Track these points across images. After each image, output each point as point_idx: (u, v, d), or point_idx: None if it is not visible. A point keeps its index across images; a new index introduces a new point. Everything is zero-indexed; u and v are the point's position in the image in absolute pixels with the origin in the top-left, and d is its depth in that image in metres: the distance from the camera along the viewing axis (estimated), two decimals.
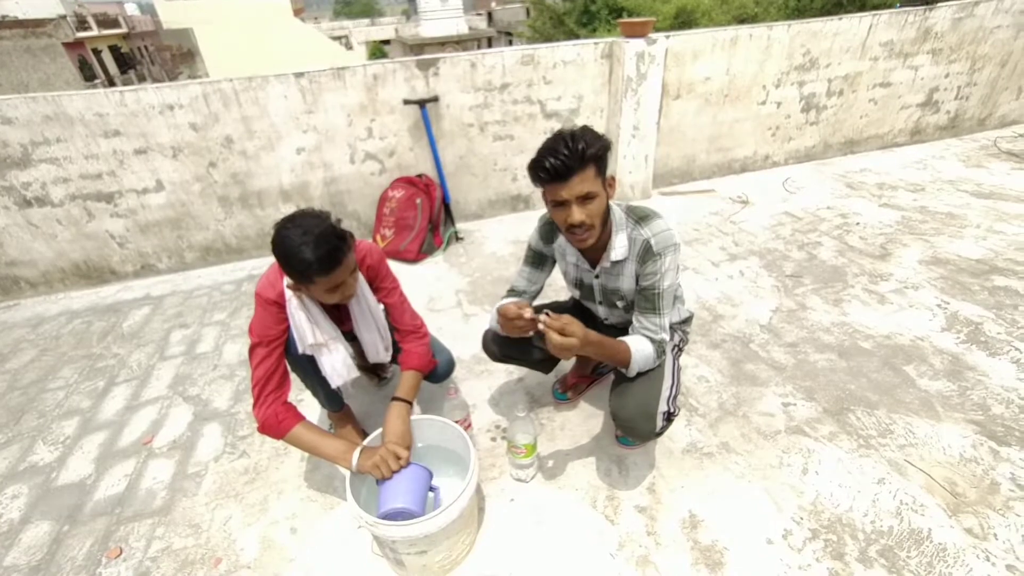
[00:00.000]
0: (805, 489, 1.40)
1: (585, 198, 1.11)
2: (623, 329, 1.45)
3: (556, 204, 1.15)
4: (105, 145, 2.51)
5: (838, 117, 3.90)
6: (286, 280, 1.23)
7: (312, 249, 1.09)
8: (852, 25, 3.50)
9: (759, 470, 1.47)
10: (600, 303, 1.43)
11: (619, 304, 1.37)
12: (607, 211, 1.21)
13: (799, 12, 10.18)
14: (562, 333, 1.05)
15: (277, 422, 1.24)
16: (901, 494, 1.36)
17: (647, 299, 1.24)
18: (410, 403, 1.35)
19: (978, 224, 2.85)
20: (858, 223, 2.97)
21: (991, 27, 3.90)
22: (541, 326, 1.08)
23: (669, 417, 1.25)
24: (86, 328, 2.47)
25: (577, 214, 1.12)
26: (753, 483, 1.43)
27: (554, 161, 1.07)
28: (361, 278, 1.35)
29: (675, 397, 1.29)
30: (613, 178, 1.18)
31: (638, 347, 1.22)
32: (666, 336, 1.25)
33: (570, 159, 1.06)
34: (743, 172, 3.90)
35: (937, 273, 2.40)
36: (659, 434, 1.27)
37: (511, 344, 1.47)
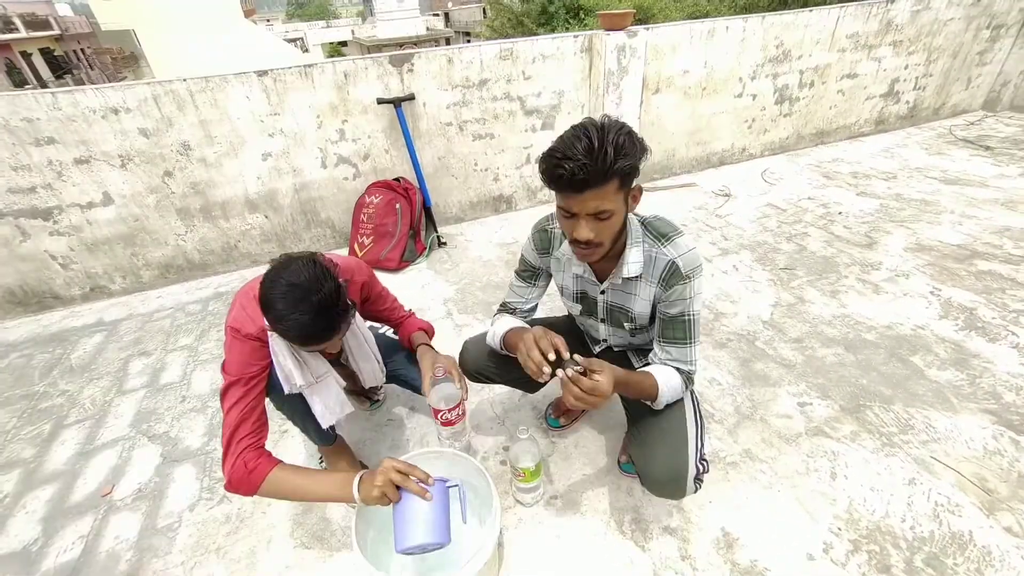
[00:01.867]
0: (837, 496, 1.34)
1: (598, 215, 0.93)
2: (621, 352, 1.34)
3: (564, 212, 0.97)
4: (37, 155, 2.23)
5: (810, 108, 3.95)
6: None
7: (303, 325, 0.94)
8: (821, 17, 3.54)
9: (787, 478, 1.40)
10: (603, 321, 1.27)
11: (626, 325, 1.22)
12: (622, 229, 1.04)
13: (746, 10, 10.47)
14: (590, 391, 0.91)
15: (247, 472, 1.02)
16: (935, 494, 1.32)
17: (677, 327, 1.10)
18: (431, 346, 1.40)
19: (952, 210, 2.93)
20: (840, 212, 2.99)
21: (945, 19, 4.05)
22: (560, 374, 0.93)
23: (699, 477, 1.11)
24: (26, 363, 2.19)
25: (584, 231, 0.94)
26: (783, 492, 1.36)
27: (570, 167, 0.86)
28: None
29: (703, 445, 1.14)
30: (640, 189, 1.00)
31: (665, 379, 1.09)
32: (696, 368, 1.13)
33: (590, 169, 0.86)
34: (721, 165, 3.90)
35: (924, 260, 2.43)
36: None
37: (489, 361, 1.35)
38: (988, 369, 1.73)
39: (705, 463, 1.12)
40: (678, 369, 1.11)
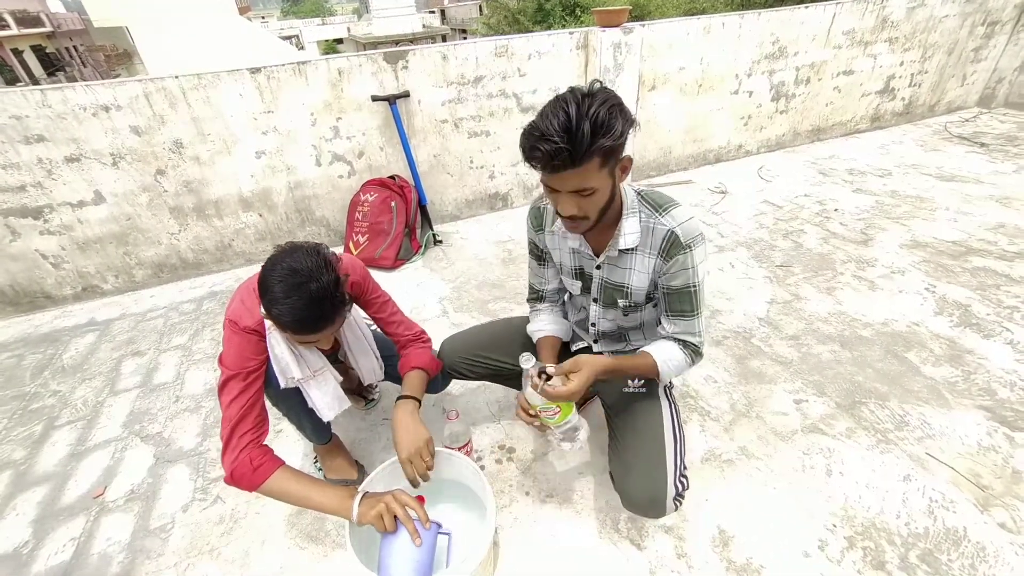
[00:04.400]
0: (833, 493, 1.34)
1: (580, 192, 0.90)
2: (615, 335, 1.29)
3: (547, 187, 0.95)
4: (27, 153, 2.20)
5: (806, 105, 3.95)
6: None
7: (297, 310, 0.93)
8: (817, 14, 3.54)
9: (783, 475, 1.40)
10: (595, 300, 1.20)
11: (620, 303, 1.15)
12: (610, 201, 0.98)
13: (744, 6, 10.44)
14: (554, 397, 0.99)
15: (252, 468, 1.03)
16: (929, 491, 1.32)
17: (681, 300, 1.07)
18: (419, 400, 1.21)
19: (947, 207, 2.93)
20: (836, 209, 2.99)
21: (940, 16, 4.05)
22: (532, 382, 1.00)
23: (680, 495, 1.08)
24: (17, 363, 2.17)
25: (567, 207, 0.92)
26: (779, 490, 1.36)
27: (546, 149, 0.83)
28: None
29: (682, 463, 1.11)
30: (629, 160, 0.94)
31: (665, 356, 1.08)
32: (703, 340, 1.11)
33: (566, 152, 0.82)
34: (717, 162, 3.90)
35: (919, 257, 2.43)
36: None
37: (465, 357, 1.37)
38: (983, 365, 1.73)
39: (685, 480, 1.10)
40: (686, 343, 1.10)
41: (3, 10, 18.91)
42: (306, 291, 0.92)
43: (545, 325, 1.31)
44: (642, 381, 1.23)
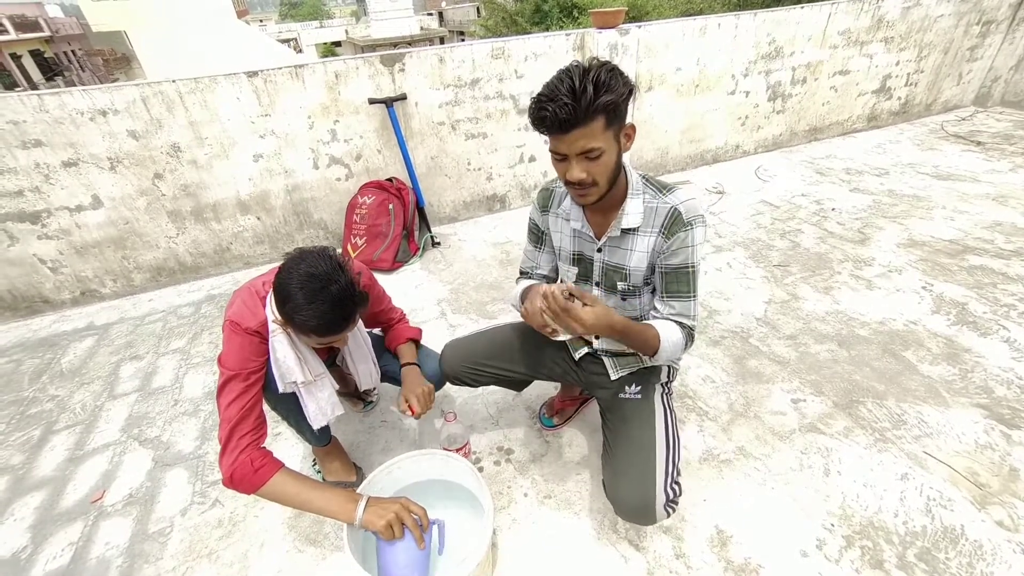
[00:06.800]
0: (831, 492, 1.34)
1: (587, 154, 0.93)
2: (599, 360, 1.29)
3: (555, 156, 0.97)
4: (24, 157, 2.20)
5: (802, 105, 3.96)
6: (270, 312, 1.06)
7: (322, 314, 0.95)
8: (813, 14, 3.55)
9: (781, 475, 1.40)
10: (597, 284, 1.20)
11: (619, 286, 1.16)
12: (617, 169, 1.01)
13: (740, 7, 10.47)
14: (563, 309, 0.90)
15: (252, 470, 1.03)
16: (927, 489, 1.32)
17: (681, 279, 1.06)
18: (420, 366, 1.37)
19: (943, 205, 2.94)
20: (833, 208, 3.00)
21: (935, 16, 4.06)
22: (544, 288, 0.93)
23: (673, 501, 1.07)
24: (15, 368, 2.16)
25: (576, 171, 0.94)
26: (777, 489, 1.37)
27: (553, 109, 0.87)
28: None
29: (675, 469, 1.10)
30: (632, 128, 0.98)
31: (667, 332, 1.04)
32: (696, 324, 1.10)
33: (571, 109, 0.86)
34: (715, 163, 3.91)
35: (916, 255, 2.44)
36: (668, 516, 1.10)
37: (467, 365, 1.35)
38: (980, 363, 1.73)
39: (678, 486, 1.09)
40: (681, 324, 1.08)
41: (1, 15, 18.91)
42: (327, 295, 0.94)
43: (531, 283, 1.28)
44: (638, 387, 1.23)
